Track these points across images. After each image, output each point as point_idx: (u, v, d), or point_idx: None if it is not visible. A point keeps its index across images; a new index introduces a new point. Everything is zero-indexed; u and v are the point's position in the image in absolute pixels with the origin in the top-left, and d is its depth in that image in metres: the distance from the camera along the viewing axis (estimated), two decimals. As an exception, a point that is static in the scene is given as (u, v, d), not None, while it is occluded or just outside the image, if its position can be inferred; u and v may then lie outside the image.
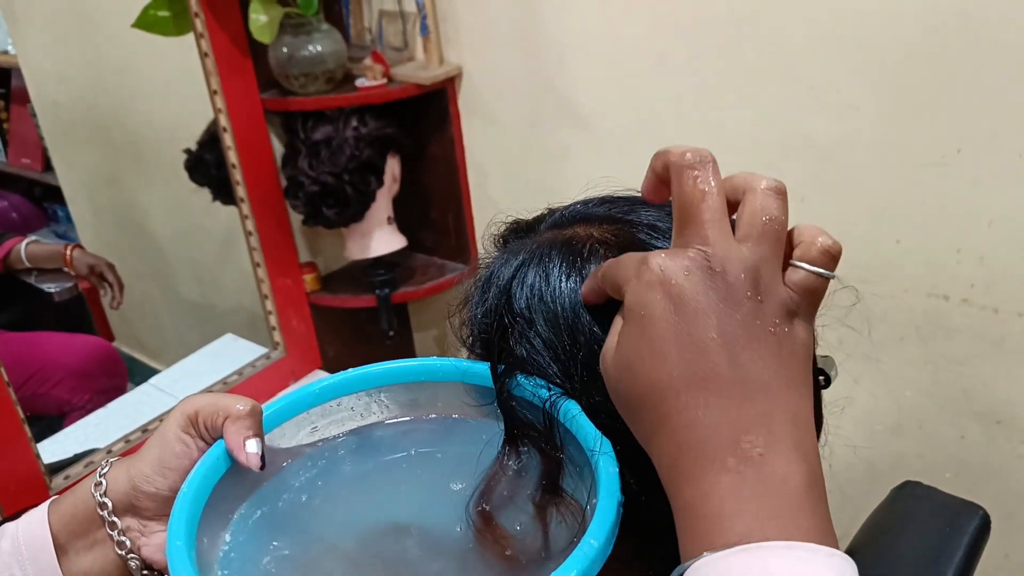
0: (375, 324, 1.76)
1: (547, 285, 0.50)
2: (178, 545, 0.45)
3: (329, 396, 0.55)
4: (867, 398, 1.35)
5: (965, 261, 1.21)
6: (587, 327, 0.49)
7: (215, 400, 0.53)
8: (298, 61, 1.51)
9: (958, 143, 1.15)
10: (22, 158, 2.00)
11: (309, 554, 0.50)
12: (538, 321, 0.50)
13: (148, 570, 0.55)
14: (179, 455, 0.52)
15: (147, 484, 0.53)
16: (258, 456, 0.50)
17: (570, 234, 0.52)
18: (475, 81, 1.58)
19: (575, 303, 0.49)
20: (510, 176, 1.64)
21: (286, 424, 0.55)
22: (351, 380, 0.56)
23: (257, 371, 1.59)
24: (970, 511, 0.79)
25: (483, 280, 0.53)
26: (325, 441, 0.56)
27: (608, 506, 0.43)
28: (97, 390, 1.65)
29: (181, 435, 0.53)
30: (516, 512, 0.49)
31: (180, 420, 0.53)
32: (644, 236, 0.51)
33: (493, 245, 0.57)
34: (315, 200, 1.55)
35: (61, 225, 2.10)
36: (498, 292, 0.51)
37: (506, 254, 0.53)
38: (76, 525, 0.54)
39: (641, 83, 1.39)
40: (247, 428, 0.51)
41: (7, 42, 1.90)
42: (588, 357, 0.48)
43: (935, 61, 1.12)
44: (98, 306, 1.88)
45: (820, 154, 1.26)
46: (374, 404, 0.57)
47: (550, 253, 0.51)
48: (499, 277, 0.52)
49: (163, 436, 0.53)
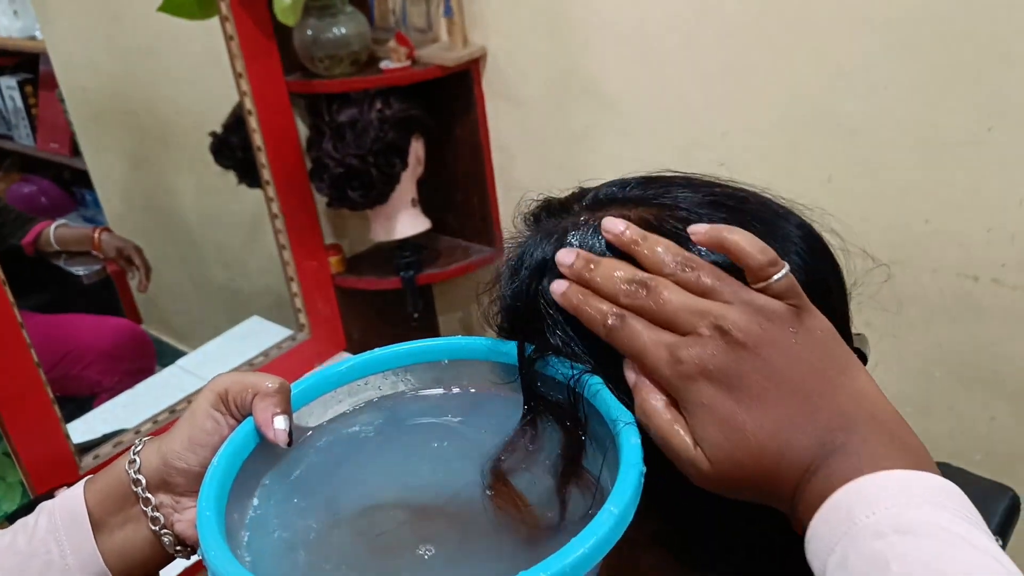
0: (400, 306, 1.76)
1: None
2: (207, 516, 0.46)
3: (356, 375, 0.56)
4: (896, 379, 1.34)
5: (995, 241, 1.19)
6: None
7: (244, 378, 0.53)
8: (323, 43, 1.51)
9: (989, 122, 1.13)
10: (51, 143, 2.03)
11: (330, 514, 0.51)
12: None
13: (181, 546, 0.55)
14: (209, 432, 0.53)
15: (179, 460, 0.53)
16: (286, 432, 0.51)
17: (604, 216, 0.51)
18: (499, 62, 1.57)
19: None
20: (534, 158, 1.63)
21: (313, 403, 0.55)
22: (378, 359, 0.56)
23: (283, 352, 1.60)
24: (1000, 492, 0.78)
25: (515, 260, 0.53)
26: (352, 413, 0.56)
27: (629, 476, 0.43)
28: (126, 371, 1.68)
29: (211, 412, 0.53)
30: (534, 482, 0.49)
31: (210, 398, 0.53)
32: (679, 221, 0.50)
33: (524, 224, 0.57)
34: (340, 182, 1.56)
35: (89, 209, 2.12)
36: (530, 273, 0.51)
37: (539, 234, 0.53)
38: (111, 502, 0.55)
39: (667, 63, 1.38)
40: (275, 405, 0.51)
41: (36, 28, 1.92)
42: None
43: (966, 39, 1.11)
44: (126, 289, 1.90)
45: (848, 133, 1.25)
46: (400, 383, 0.57)
47: (586, 236, 0.50)
48: (532, 257, 0.52)
49: (193, 414, 0.54)
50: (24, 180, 2.16)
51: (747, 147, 1.35)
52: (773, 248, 0.47)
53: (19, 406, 1.21)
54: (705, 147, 1.39)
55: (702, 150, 1.40)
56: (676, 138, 1.42)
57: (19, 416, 1.21)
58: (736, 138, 1.36)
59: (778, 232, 0.50)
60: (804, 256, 0.49)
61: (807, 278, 0.48)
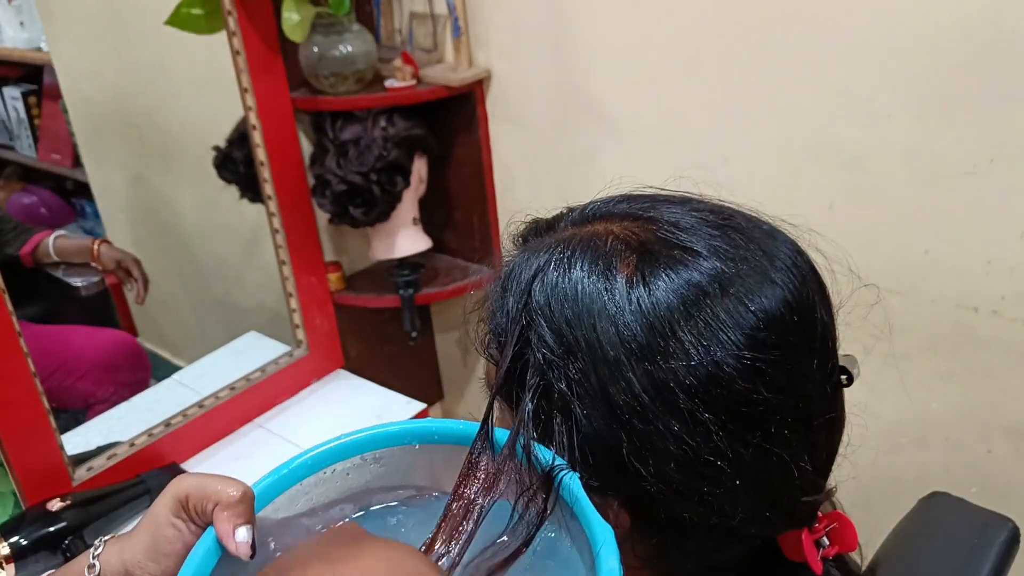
0: (398, 324, 1.76)
1: (569, 283, 0.49)
2: None
3: (321, 465, 0.54)
4: (893, 410, 1.33)
5: (995, 272, 1.19)
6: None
7: (206, 484, 0.52)
8: (328, 61, 1.52)
9: (991, 153, 1.13)
10: (52, 154, 2.03)
11: None
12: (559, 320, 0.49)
13: None
14: (171, 540, 0.52)
15: (140, 570, 0.53)
16: (247, 544, 0.50)
17: (591, 231, 0.52)
18: (503, 84, 1.58)
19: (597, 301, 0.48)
20: (536, 179, 1.64)
21: (279, 499, 0.54)
22: (344, 448, 0.55)
23: (280, 368, 1.60)
24: (999, 523, 0.78)
25: (503, 279, 0.53)
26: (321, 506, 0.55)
27: None
28: (121, 383, 1.67)
29: (172, 520, 0.52)
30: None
31: (171, 504, 0.53)
32: (665, 234, 0.50)
33: (512, 244, 0.57)
34: (342, 199, 1.56)
35: (89, 221, 2.12)
36: (518, 291, 0.51)
37: (526, 252, 0.53)
38: None
39: (670, 88, 1.39)
40: (237, 516, 0.50)
41: (41, 40, 1.92)
42: None
43: (968, 69, 1.11)
44: (123, 301, 1.89)
45: (849, 161, 1.25)
46: (367, 470, 0.56)
47: (572, 251, 0.50)
48: (519, 276, 0.52)
49: (154, 520, 0.53)
50: (25, 190, 2.15)
51: (748, 172, 1.35)
52: (762, 263, 0.47)
53: (14, 415, 1.20)
54: (707, 172, 1.39)
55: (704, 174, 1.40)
56: (678, 162, 1.43)
57: (13, 425, 1.20)
58: (737, 163, 1.36)
59: (764, 248, 0.50)
60: (789, 273, 0.49)
61: (792, 296, 0.48)
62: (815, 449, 0.50)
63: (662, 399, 0.46)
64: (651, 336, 0.46)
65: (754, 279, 0.48)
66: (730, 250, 0.49)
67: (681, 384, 0.46)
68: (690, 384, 0.46)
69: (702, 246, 0.49)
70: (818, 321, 0.50)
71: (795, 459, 0.48)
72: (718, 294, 0.47)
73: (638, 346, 0.46)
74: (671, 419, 0.46)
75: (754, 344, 0.46)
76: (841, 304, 0.53)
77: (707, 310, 0.46)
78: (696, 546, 0.50)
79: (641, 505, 0.48)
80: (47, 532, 1.17)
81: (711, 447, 0.46)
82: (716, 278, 0.47)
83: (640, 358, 0.46)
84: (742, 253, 0.49)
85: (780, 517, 0.50)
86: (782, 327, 0.47)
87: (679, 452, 0.46)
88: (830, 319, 0.52)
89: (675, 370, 0.46)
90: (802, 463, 0.49)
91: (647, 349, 0.46)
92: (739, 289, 0.47)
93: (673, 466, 0.46)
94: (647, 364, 0.46)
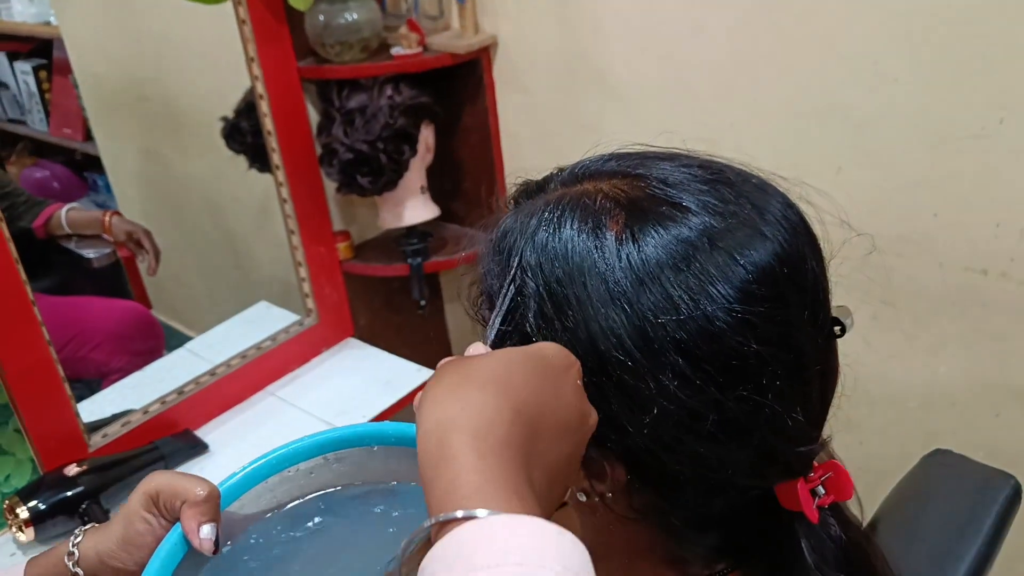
0: (407, 293, 1.77)
1: (559, 242, 0.49)
2: None
3: (285, 465, 0.57)
4: (900, 374, 1.34)
5: (1004, 235, 1.19)
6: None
7: (175, 482, 0.56)
8: (334, 29, 1.52)
9: (999, 113, 1.13)
10: (64, 128, 2.03)
11: None
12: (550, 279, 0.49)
13: None
14: (142, 533, 0.56)
15: (113, 560, 0.57)
16: (211, 541, 0.53)
17: (580, 191, 0.52)
18: (510, 51, 1.58)
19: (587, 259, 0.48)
20: (543, 146, 1.64)
21: (245, 496, 0.57)
22: (306, 447, 0.57)
23: (290, 337, 1.61)
24: (1001, 479, 0.78)
25: (494, 241, 0.53)
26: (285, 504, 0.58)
27: None
28: (135, 353, 1.68)
29: (143, 514, 0.56)
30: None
31: (142, 500, 0.57)
32: (654, 190, 0.50)
33: (505, 207, 0.57)
34: (349, 168, 1.56)
35: (100, 195, 2.13)
36: (509, 252, 0.51)
37: (516, 214, 0.53)
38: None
39: (676, 53, 1.38)
40: (202, 514, 0.54)
41: (50, 14, 1.92)
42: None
43: (975, 30, 1.10)
44: (136, 274, 1.91)
45: (857, 125, 1.24)
46: (329, 469, 0.58)
47: (561, 211, 0.50)
48: (510, 237, 0.52)
49: (128, 514, 0.57)
50: (37, 165, 2.16)
51: (755, 138, 1.35)
52: (751, 216, 0.47)
53: (30, 383, 1.22)
54: (713, 137, 1.39)
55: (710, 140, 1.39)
56: (684, 127, 1.42)
57: (30, 393, 1.22)
58: (744, 128, 1.36)
59: (754, 202, 0.50)
60: (780, 226, 0.49)
61: (783, 249, 0.48)
62: (808, 400, 0.50)
63: (653, 355, 0.46)
64: (641, 292, 0.46)
65: (744, 233, 0.48)
66: (719, 204, 0.49)
67: (672, 339, 0.46)
68: (680, 339, 0.46)
69: (691, 201, 0.49)
70: (809, 273, 0.50)
71: (788, 411, 0.48)
72: (707, 249, 0.47)
73: (628, 302, 0.46)
74: (662, 374, 0.46)
75: (744, 297, 0.46)
76: (833, 254, 0.53)
77: (697, 265, 0.46)
78: (691, 498, 0.51)
79: (635, 459, 0.49)
80: (65, 496, 1.19)
81: (702, 401, 0.46)
82: (705, 233, 0.47)
83: (630, 314, 0.46)
84: (731, 207, 0.49)
85: (774, 468, 0.50)
86: (772, 280, 0.47)
87: (670, 407, 0.46)
88: (821, 271, 0.52)
89: (665, 325, 0.46)
90: (795, 414, 0.49)
91: (637, 305, 0.46)
92: (729, 243, 0.47)
93: (665, 421, 0.47)
94: (637, 320, 0.46)
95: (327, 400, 1.54)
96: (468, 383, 0.41)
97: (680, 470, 0.48)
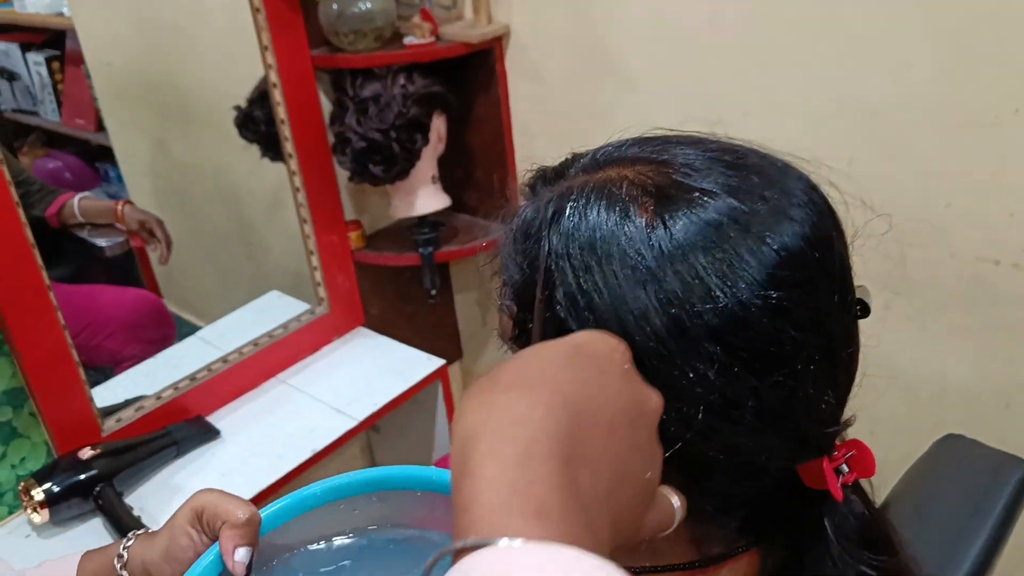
0: (418, 283, 1.78)
1: (587, 229, 0.48)
2: None
3: (330, 498, 0.57)
4: (912, 363, 1.34)
5: (1018, 225, 1.19)
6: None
7: (219, 503, 0.57)
8: (348, 18, 1.52)
9: (1015, 103, 1.12)
10: (76, 119, 2.04)
11: None
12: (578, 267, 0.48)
13: None
14: (184, 547, 0.58)
15: (155, 569, 0.59)
16: (244, 565, 0.54)
17: (604, 177, 0.51)
18: (522, 41, 1.58)
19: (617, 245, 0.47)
20: (555, 137, 1.64)
21: (289, 524, 0.57)
22: (354, 483, 0.57)
23: (302, 326, 1.62)
24: (1013, 464, 0.78)
25: (514, 229, 0.52)
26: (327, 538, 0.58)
27: None
28: (147, 341, 1.69)
29: (187, 528, 0.58)
30: None
31: (188, 515, 0.58)
32: (680, 176, 0.49)
33: (521, 195, 0.56)
34: (362, 157, 1.57)
35: (113, 185, 2.14)
36: (534, 240, 0.50)
37: (536, 201, 0.52)
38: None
39: (690, 43, 1.38)
40: (240, 537, 0.55)
41: (63, 5, 1.93)
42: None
43: (991, 19, 1.10)
44: (148, 266, 1.91)
45: (871, 114, 1.24)
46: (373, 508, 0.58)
47: (586, 198, 0.49)
48: (533, 225, 0.51)
49: (173, 527, 0.59)
50: (49, 155, 2.17)
51: (768, 127, 1.35)
52: (779, 200, 0.47)
53: (46, 368, 1.23)
54: (726, 127, 1.39)
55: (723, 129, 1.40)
56: (697, 118, 1.41)
57: (46, 378, 1.23)
58: (757, 118, 1.36)
59: (780, 185, 0.50)
60: (807, 209, 0.49)
61: (811, 232, 0.48)
62: (837, 382, 0.50)
63: (687, 342, 0.45)
64: (675, 280, 0.46)
65: (772, 216, 0.47)
66: (746, 189, 0.48)
67: (707, 326, 0.45)
68: (716, 326, 0.45)
69: (718, 186, 0.48)
70: (836, 255, 0.50)
71: (820, 394, 0.48)
72: (739, 234, 0.46)
73: (661, 290, 0.46)
74: (697, 362, 0.45)
75: (777, 282, 0.46)
76: (856, 234, 0.53)
77: (729, 250, 0.46)
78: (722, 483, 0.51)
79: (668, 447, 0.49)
80: (79, 479, 1.20)
81: (737, 388, 0.46)
82: (735, 218, 0.47)
83: (664, 302, 0.46)
84: (758, 191, 0.48)
85: (806, 451, 0.50)
86: (803, 263, 0.47)
87: (705, 395, 0.46)
88: (846, 252, 0.52)
89: (700, 313, 0.45)
90: (826, 396, 0.49)
91: (671, 293, 0.46)
92: (759, 227, 0.47)
93: (698, 409, 0.46)
94: (672, 308, 0.46)
95: (338, 388, 1.55)
96: (495, 387, 0.38)
97: (714, 457, 0.48)
